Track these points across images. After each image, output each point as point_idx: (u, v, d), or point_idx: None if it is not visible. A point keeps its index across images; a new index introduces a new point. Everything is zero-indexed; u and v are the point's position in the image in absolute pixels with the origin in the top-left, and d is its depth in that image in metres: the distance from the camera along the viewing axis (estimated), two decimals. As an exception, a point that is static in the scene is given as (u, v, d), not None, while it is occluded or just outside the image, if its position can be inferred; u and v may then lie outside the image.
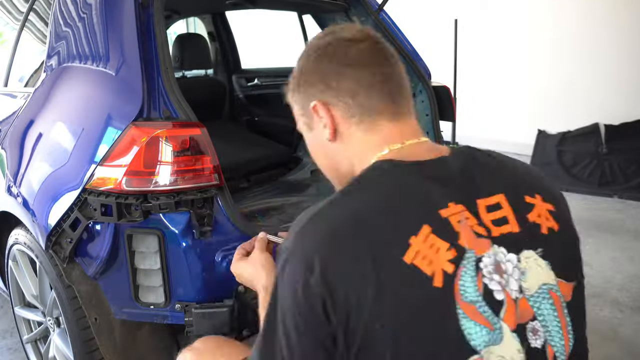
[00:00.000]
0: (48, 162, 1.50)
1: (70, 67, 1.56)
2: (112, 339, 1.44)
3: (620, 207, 3.90)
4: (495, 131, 5.27)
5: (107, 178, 1.29)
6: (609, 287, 2.56)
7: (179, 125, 1.31)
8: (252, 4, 2.48)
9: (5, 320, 2.39)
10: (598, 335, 2.10)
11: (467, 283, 0.60)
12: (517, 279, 0.63)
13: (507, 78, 5.13)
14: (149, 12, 1.42)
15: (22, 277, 1.79)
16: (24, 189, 1.55)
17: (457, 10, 5.30)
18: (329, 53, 0.75)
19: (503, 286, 0.62)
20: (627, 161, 4.18)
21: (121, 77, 1.39)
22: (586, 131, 4.44)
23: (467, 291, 0.60)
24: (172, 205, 1.26)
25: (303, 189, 2.61)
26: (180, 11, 3.26)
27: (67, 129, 1.48)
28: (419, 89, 2.37)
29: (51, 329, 1.71)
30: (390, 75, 0.76)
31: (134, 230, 1.31)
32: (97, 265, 1.37)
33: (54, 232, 1.40)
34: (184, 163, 1.27)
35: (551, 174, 4.51)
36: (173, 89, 1.36)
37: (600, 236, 3.28)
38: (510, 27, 5.02)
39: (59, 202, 1.39)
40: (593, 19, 4.46)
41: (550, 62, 4.79)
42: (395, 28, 2.38)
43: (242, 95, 3.47)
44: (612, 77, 4.41)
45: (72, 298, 1.45)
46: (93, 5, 1.51)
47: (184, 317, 1.33)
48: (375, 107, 0.74)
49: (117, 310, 1.42)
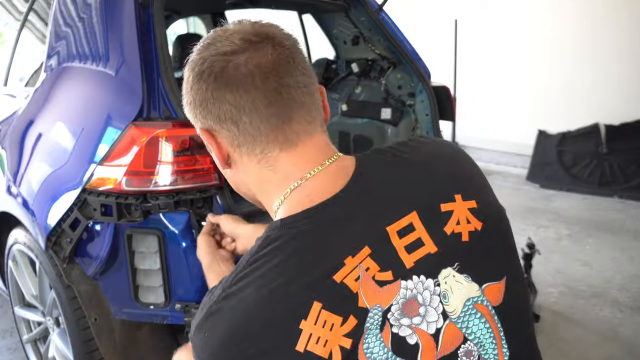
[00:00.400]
0: (48, 162, 1.50)
1: (70, 67, 1.56)
2: (112, 339, 1.44)
3: (620, 207, 3.90)
4: (495, 131, 5.27)
5: (107, 178, 1.29)
6: (609, 287, 2.56)
7: (178, 125, 1.31)
8: (252, 4, 2.48)
9: (5, 320, 2.39)
10: (598, 335, 2.10)
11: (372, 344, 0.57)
12: (438, 305, 0.60)
13: (507, 78, 5.12)
14: (149, 12, 1.42)
15: (22, 277, 1.79)
16: (23, 189, 1.55)
17: (457, 10, 5.31)
18: (205, 73, 0.64)
19: (415, 326, 0.59)
20: (627, 161, 4.18)
21: (121, 77, 1.39)
22: (586, 131, 4.44)
23: (373, 352, 0.57)
24: (171, 205, 1.26)
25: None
26: (180, 11, 3.26)
27: (67, 129, 1.48)
28: (419, 89, 2.37)
29: (51, 329, 1.71)
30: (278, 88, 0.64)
31: (133, 231, 1.31)
32: (97, 266, 1.37)
33: (53, 232, 1.40)
34: (183, 163, 1.28)
35: (551, 174, 4.51)
36: (173, 89, 1.36)
37: (600, 236, 3.28)
38: (510, 27, 5.02)
39: (58, 202, 1.39)
40: (593, 19, 4.46)
41: (551, 62, 4.79)
42: (395, 28, 2.38)
43: (242, 95, 3.46)
44: (612, 77, 4.41)
45: (71, 298, 1.45)
46: (93, 5, 1.51)
47: (184, 317, 1.33)
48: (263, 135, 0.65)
49: (117, 310, 1.42)
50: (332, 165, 0.67)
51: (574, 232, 3.36)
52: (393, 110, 2.52)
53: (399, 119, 2.50)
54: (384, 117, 2.56)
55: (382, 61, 2.58)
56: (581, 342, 2.07)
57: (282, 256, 0.60)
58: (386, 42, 2.42)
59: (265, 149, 0.66)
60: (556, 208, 3.90)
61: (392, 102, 2.54)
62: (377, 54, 2.56)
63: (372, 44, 2.55)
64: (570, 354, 1.99)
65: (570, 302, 2.41)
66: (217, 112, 0.65)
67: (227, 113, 0.64)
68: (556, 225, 3.50)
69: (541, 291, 2.51)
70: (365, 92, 2.71)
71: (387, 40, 2.36)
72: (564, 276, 2.70)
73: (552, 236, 3.30)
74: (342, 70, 2.80)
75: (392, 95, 2.54)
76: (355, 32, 2.58)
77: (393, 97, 2.53)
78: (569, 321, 2.24)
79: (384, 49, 2.52)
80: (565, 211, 3.82)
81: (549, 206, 3.95)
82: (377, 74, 2.64)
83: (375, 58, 2.61)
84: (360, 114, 2.69)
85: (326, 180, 0.65)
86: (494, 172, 5.04)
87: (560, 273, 2.74)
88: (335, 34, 2.71)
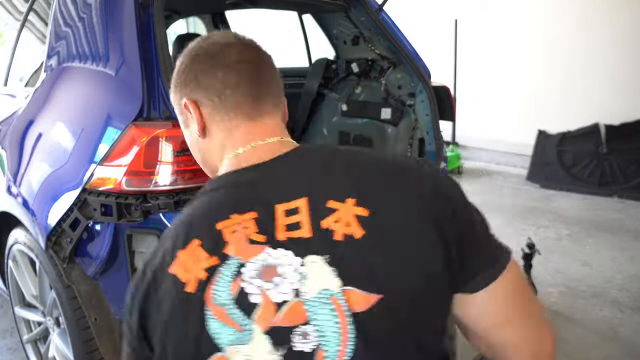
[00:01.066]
0: (48, 162, 1.50)
1: (70, 67, 1.56)
2: (112, 339, 1.44)
3: (620, 207, 3.90)
4: (495, 131, 5.27)
5: (107, 178, 1.30)
6: (609, 287, 2.56)
7: (179, 125, 1.31)
8: (252, 3, 2.48)
9: (5, 320, 2.39)
10: (598, 335, 2.10)
11: (220, 287, 0.65)
12: (294, 282, 0.65)
13: (507, 78, 5.12)
14: (149, 12, 1.42)
15: (22, 277, 1.79)
16: (23, 189, 1.55)
17: (457, 10, 5.31)
18: (201, 54, 0.80)
19: (264, 291, 0.64)
20: (627, 161, 4.18)
21: (121, 77, 1.39)
22: (586, 131, 4.44)
23: (218, 295, 0.64)
24: (171, 205, 1.26)
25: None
26: (180, 11, 3.26)
27: (67, 129, 1.48)
28: (419, 89, 2.37)
29: (51, 329, 1.71)
30: (257, 76, 0.80)
31: (133, 230, 1.31)
32: (97, 265, 1.37)
33: (53, 232, 1.40)
34: (183, 163, 1.28)
35: (551, 174, 4.51)
36: (173, 89, 1.36)
37: (600, 236, 3.28)
38: (510, 27, 5.02)
39: (58, 202, 1.39)
40: (593, 19, 4.46)
41: (550, 62, 4.79)
42: (395, 28, 2.38)
43: (242, 95, 3.46)
44: (612, 77, 4.41)
45: (72, 298, 1.45)
46: (93, 5, 1.51)
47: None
48: (236, 106, 0.78)
49: (117, 310, 1.42)
50: (275, 143, 0.78)
51: (574, 232, 3.36)
52: (393, 110, 2.52)
53: (399, 119, 2.50)
54: (384, 117, 2.56)
55: (382, 61, 2.58)
56: (581, 342, 2.07)
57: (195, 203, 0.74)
58: (386, 42, 2.42)
59: (233, 118, 0.79)
60: (556, 208, 3.90)
61: (392, 102, 2.54)
62: (377, 54, 2.56)
63: (372, 44, 2.55)
64: (570, 354, 1.99)
65: (570, 302, 2.41)
66: (206, 85, 0.78)
67: (215, 86, 0.78)
68: (556, 225, 3.50)
69: (541, 291, 2.51)
70: (365, 92, 2.71)
71: (387, 40, 2.36)
72: (564, 276, 2.70)
73: (552, 236, 3.30)
74: (342, 70, 2.80)
75: (392, 95, 2.54)
76: (355, 32, 2.58)
77: (393, 97, 2.53)
78: (569, 321, 2.24)
79: (384, 49, 2.52)
80: (565, 211, 3.82)
81: (549, 206, 3.95)
82: (377, 74, 2.64)
83: (375, 58, 2.61)
84: (360, 114, 2.69)
85: (261, 153, 0.76)
86: (494, 172, 5.04)
87: (560, 273, 2.74)
88: (335, 34, 2.71)
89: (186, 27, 6.64)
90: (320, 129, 2.86)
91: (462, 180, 4.62)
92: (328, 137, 2.82)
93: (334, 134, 2.79)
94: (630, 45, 4.27)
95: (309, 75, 2.88)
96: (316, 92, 2.86)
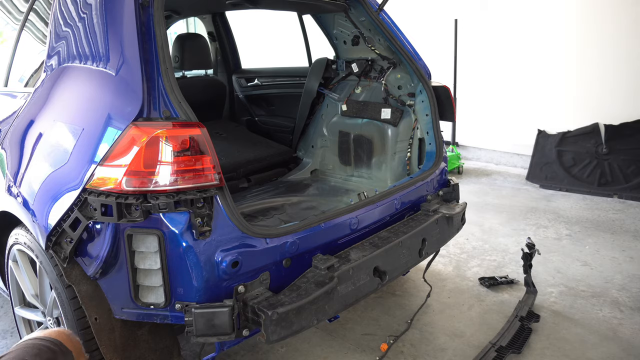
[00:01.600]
0: (48, 162, 1.50)
1: (70, 67, 1.56)
2: (112, 339, 1.44)
3: (620, 207, 3.90)
4: (495, 131, 5.27)
5: (107, 178, 1.30)
6: (609, 287, 2.56)
7: (179, 125, 1.31)
8: (252, 4, 2.48)
9: (5, 320, 2.39)
10: (598, 335, 2.11)
11: None
12: None
13: (507, 78, 5.13)
14: (149, 12, 1.42)
15: (22, 277, 1.79)
16: (24, 189, 1.56)
17: (457, 10, 5.31)
18: None
19: None
20: (627, 161, 4.19)
21: (121, 77, 1.39)
22: (586, 131, 4.45)
23: None
24: (171, 205, 1.26)
25: (303, 189, 2.61)
26: (180, 11, 3.27)
27: (67, 129, 1.48)
28: (419, 89, 2.37)
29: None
30: None
31: (134, 230, 1.31)
32: (97, 265, 1.37)
33: (54, 232, 1.40)
34: (184, 163, 1.28)
35: (551, 174, 4.51)
36: (173, 89, 1.36)
37: (600, 236, 3.28)
38: (510, 27, 5.02)
39: (59, 202, 1.39)
40: (593, 19, 4.46)
41: (551, 62, 4.80)
42: (396, 28, 2.39)
43: (242, 95, 3.47)
44: (612, 77, 4.42)
45: (72, 298, 1.46)
46: (93, 5, 1.51)
47: (184, 317, 1.33)
48: None
49: (117, 310, 1.42)
50: None
51: (574, 232, 3.36)
52: (393, 110, 2.52)
53: (399, 119, 2.50)
54: (384, 117, 2.56)
55: (382, 61, 2.59)
56: (581, 342, 2.07)
57: None
58: (386, 42, 2.42)
59: None
60: (556, 208, 3.90)
61: (392, 102, 2.55)
62: (377, 54, 2.56)
63: (372, 44, 2.55)
64: (570, 353, 1.99)
65: (570, 302, 2.41)
66: None
67: None
68: (556, 225, 3.50)
69: (541, 291, 2.51)
70: (365, 92, 2.71)
71: (387, 40, 2.36)
72: (564, 276, 2.70)
73: (552, 236, 3.30)
74: (342, 70, 2.81)
75: (392, 95, 2.54)
76: (355, 32, 2.58)
77: (393, 97, 2.54)
78: (569, 321, 2.24)
79: (384, 49, 2.52)
80: (565, 211, 3.82)
81: (549, 206, 3.95)
82: (377, 74, 2.65)
83: (375, 58, 2.61)
84: (360, 114, 2.69)
85: None
86: (494, 172, 5.04)
87: (560, 273, 2.74)
88: (335, 34, 2.71)
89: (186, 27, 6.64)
90: (320, 129, 2.86)
91: (462, 180, 4.62)
92: (328, 137, 2.82)
93: (334, 134, 2.79)
94: (631, 45, 4.27)
95: (309, 75, 2.88)
96: (316, 92, 2.86)
